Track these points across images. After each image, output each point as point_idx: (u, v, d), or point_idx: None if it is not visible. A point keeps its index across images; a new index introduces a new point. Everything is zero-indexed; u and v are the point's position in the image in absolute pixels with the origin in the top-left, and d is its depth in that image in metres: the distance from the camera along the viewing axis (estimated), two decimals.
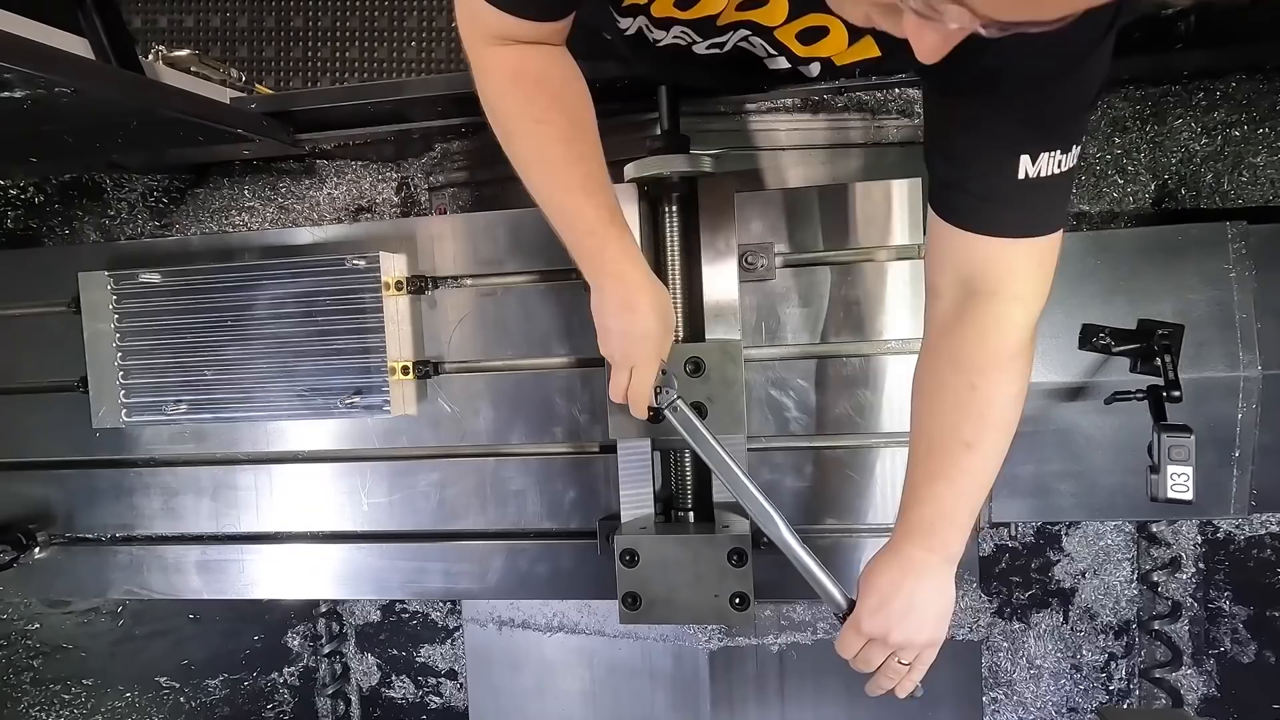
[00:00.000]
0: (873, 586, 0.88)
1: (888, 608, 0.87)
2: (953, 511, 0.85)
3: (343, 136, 1.49)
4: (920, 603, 0.86)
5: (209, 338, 1.22)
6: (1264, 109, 1.37)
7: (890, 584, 0.87)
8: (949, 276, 0.83)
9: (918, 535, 0.86)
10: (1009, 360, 0.82)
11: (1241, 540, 1.52)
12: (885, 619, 0.87)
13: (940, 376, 0.85)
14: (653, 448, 1.11)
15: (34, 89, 1.02)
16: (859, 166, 1.40)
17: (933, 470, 0.85)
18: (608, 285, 0.90)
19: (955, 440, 0.83)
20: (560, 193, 0.87)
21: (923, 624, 0.87)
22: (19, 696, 1.72)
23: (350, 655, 1.88)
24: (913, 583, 0.86)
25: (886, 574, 0.87)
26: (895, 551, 0.88)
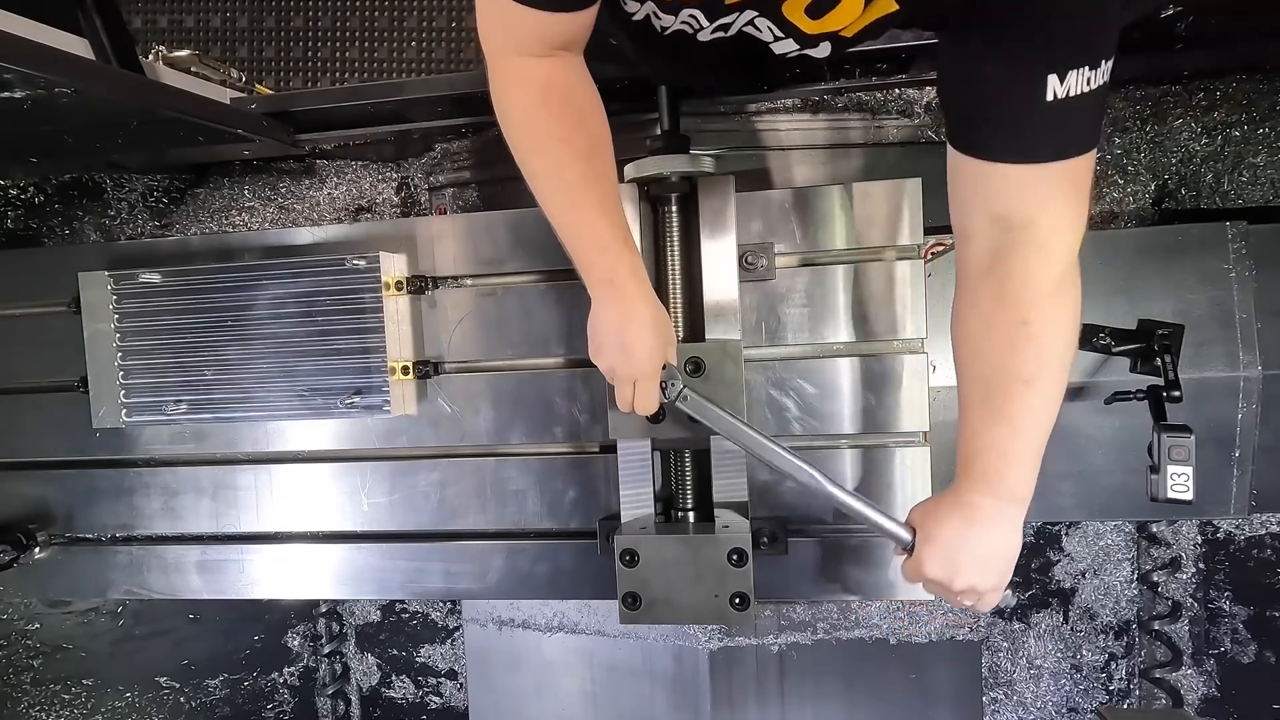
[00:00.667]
0: (936, 536, 0.87)
1: (952, 559, 0.86)
2: (1019, 454, 0.82)
3: (343, 136, 1.49)
4: (985, 552, 0.85)
5: (209, 338, 1.22)
6: (1264, 109, 1.37)
7: (954, 535, 0.86)
8: (980, 216, 0.80)
9: (982, 483, 0.84)
10: (1058, 289, 0.79)
11: (1241, 540, 1.52)
12: (949, 569, 0.86)
13: (987, 318, 0.82)
14: (653, 448, 1.11)
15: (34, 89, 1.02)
16: (859, 166, 1.40)
17: (992, 414, 0.82)
18: (613, 300, 0.92)
19: (1013, 380, 0.80)
20: (576, 210, 0.88)
21: (987, 572, 0.86)
22: (19, 696, 1.72)
23: (350, 655, 1.88)
24: (979, 533, 0.85)
25: (950, 524, 0.86)
26: (958, 500, 0.86)
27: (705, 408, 0.99)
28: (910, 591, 1.14)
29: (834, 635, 1.47)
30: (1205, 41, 1.20)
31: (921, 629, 1.49)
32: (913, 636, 1.49)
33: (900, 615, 1.49)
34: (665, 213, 1.11)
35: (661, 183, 1.08)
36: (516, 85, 0.85)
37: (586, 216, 0.88)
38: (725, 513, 1.10)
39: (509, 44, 0.83)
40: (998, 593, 0.88)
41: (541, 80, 0.84)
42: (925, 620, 1.50)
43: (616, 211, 0.90)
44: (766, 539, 1.12)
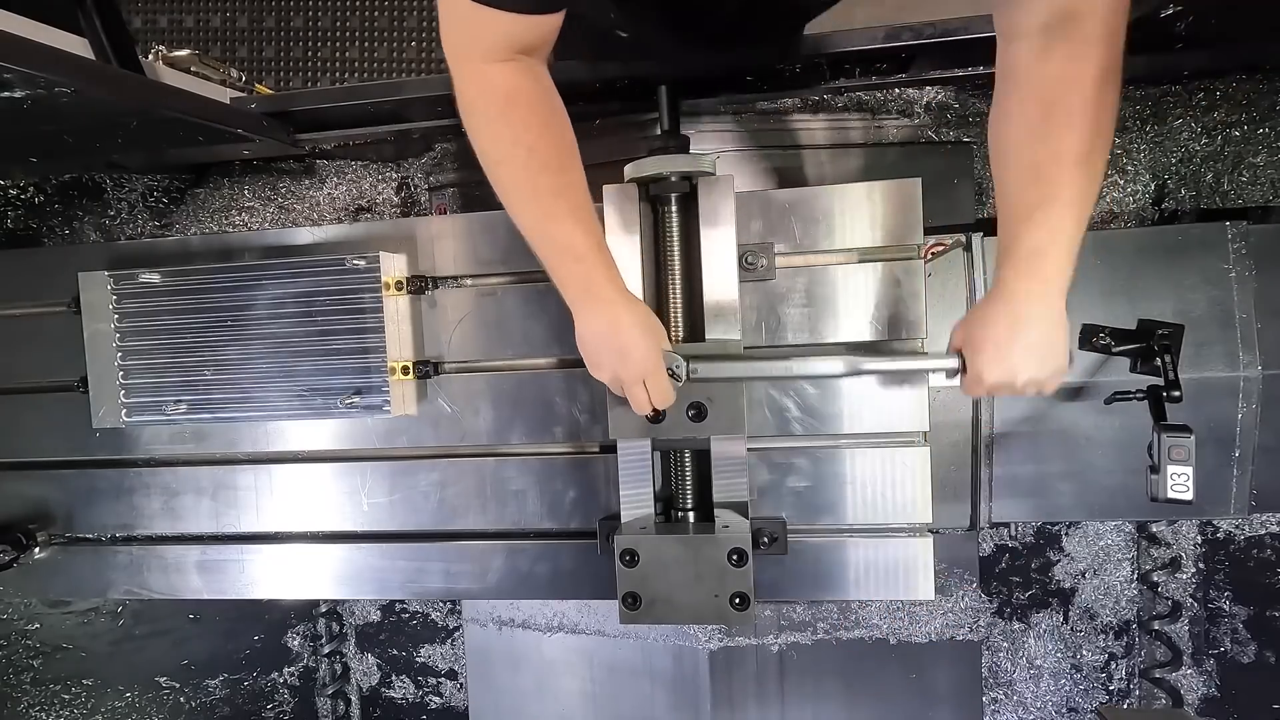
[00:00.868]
0: (986, 339, 0.87)
1: (1008, 357, 0.86)
2: (1070, 233, 0.82)
3: (343, 136, 1.49)
4: (1039, 340, 0.85)
5: (209, 338, 1.22)
6: (1264, 109, 1.37)
7: (1005, 331, 0.86)
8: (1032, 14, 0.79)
9: (1027, 268, 0.83)
10: (1114, 72, 0.79)
11: (1241, 540, 1.52)
12: (1008, 367, 0.87)
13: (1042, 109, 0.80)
14: (653, 448, 1.11)
15: (34, 89, 1.02)
16: (859, 166, 1.40)
17: (1041, 195, 0.81)
18: (595, 310, 0.93)
19: (1067, 159, 0.80)
20: (548, 220, 0.89)
21: (1045, 359, 0.86)
22: (19, 696, 1.72)
23: (350, 655, 1.88)
24: (1028, 323, 0.85)
25: (998, 323, 0.86)
26: (1002, 294, 0.86)
27: (716, 367, 0.99)
28: (910, 592, 1.14)
29: (834, 635, 1.47)
30: (1205, 41, 1.20)
31: (921, 629, 1.49)
32: (913, 636, 1.49)
33: (900, 615, 1.49)
34: (665, 213, 1.11)
35: (661, 183, 1.08)
36: (481, 92, 0.85)
37: (560, 227, 0.89)
38: (725, 513, 1.10)
39: (473, 49, 0.82)
40: (1060, 375, 0.89)
41: (506, 87, 0.84)
42: (925, 620, 1.50)
43: (591, 220, 0.91)
44: (766, 539, 1.12)
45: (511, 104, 0.84)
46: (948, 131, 1.40)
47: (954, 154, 1.38)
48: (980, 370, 0.89)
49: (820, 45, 1.23)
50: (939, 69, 1.31)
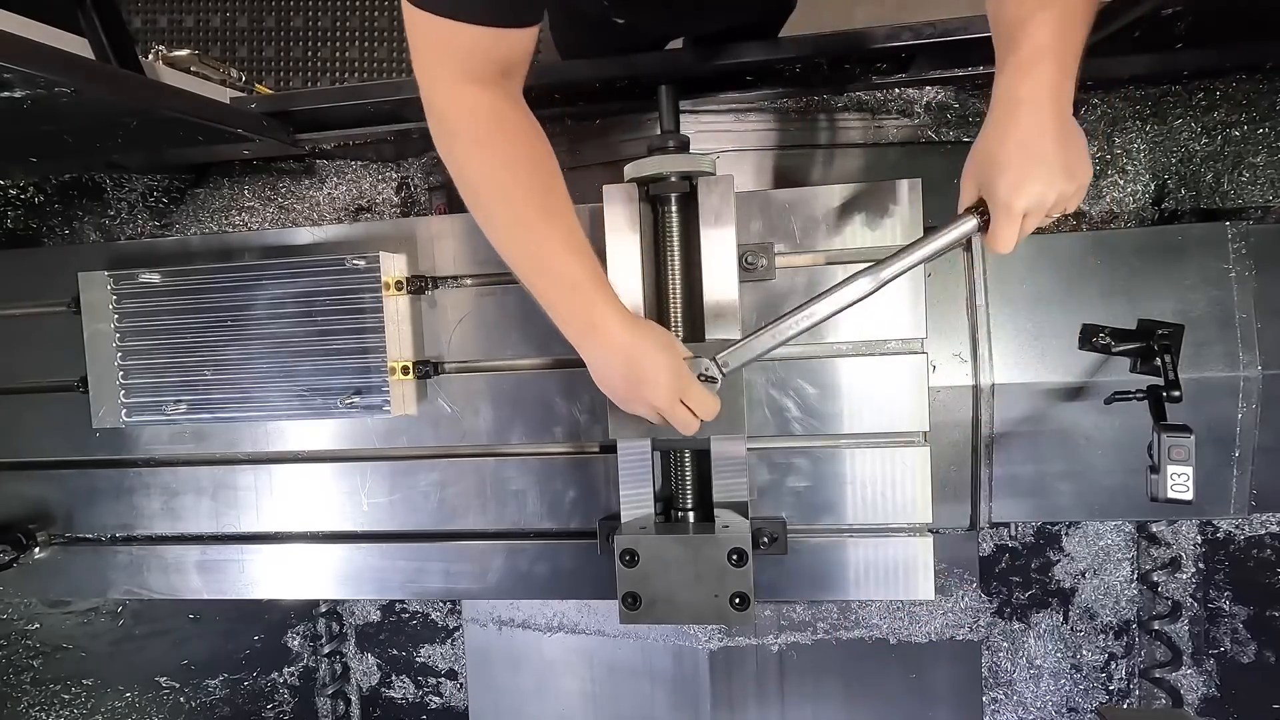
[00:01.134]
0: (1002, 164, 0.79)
1: (1032, 178, 0.77)
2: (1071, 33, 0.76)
3: (343, 136, 1.49)
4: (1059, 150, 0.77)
5: (209, 338, 1.22)
6: (1264, 109, 1.37)
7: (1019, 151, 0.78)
8: None
9: (1035, 70, 0.76)
10: None
11: (1241, 540, 1.52)
12: (1035, 190, 0.78)
13: None
14: (653, 448, 1.11)
15: (34, 89, 1.02)
16: (859, 166, 1.40)
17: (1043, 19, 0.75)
18: (603, 347, 0.89)
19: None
20: (539, 248, 0.85)
21: (1071, 168, 0.78)
22: (19, 696, 1.72)
23: (350, 655, 1.88)
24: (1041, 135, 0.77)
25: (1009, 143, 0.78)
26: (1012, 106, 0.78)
27: (746, 349, 0.95)
28: (910, 592, 1.14)
29: (834, 635, 1.47)
30: (1205, 41, 1.20)
31: (921, 629, 1.49)
32: (913, 636, 1.49)
33: (900, 615, 1.49)
34: (665, 213, 1.11)
35: (661, 183, 1.08)
36: (462, 117, 0.81)
37: (556, 258, 0.85)
38: (725, 513, 1.10)
39: (450, 68, 0.79)
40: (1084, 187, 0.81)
41: (487, 109, 0.80)
42: (925, 620, 1.50)
43: (584, 247, 0.87)
44: (766, 539, 1.12)
45: (498, 127, 0.81)
46: (948, 131, 1.40)
47: (954, 154, 1.38)
48: (1008, 200, 0.79)
49: (820, 45, 1.23)
50: (939, 69, 1.31)
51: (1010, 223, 0.81)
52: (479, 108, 0.80)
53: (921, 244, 0.88)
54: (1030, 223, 0.82)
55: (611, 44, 1.22)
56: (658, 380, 0.90)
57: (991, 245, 0.83)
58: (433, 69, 0.80)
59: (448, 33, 0.75)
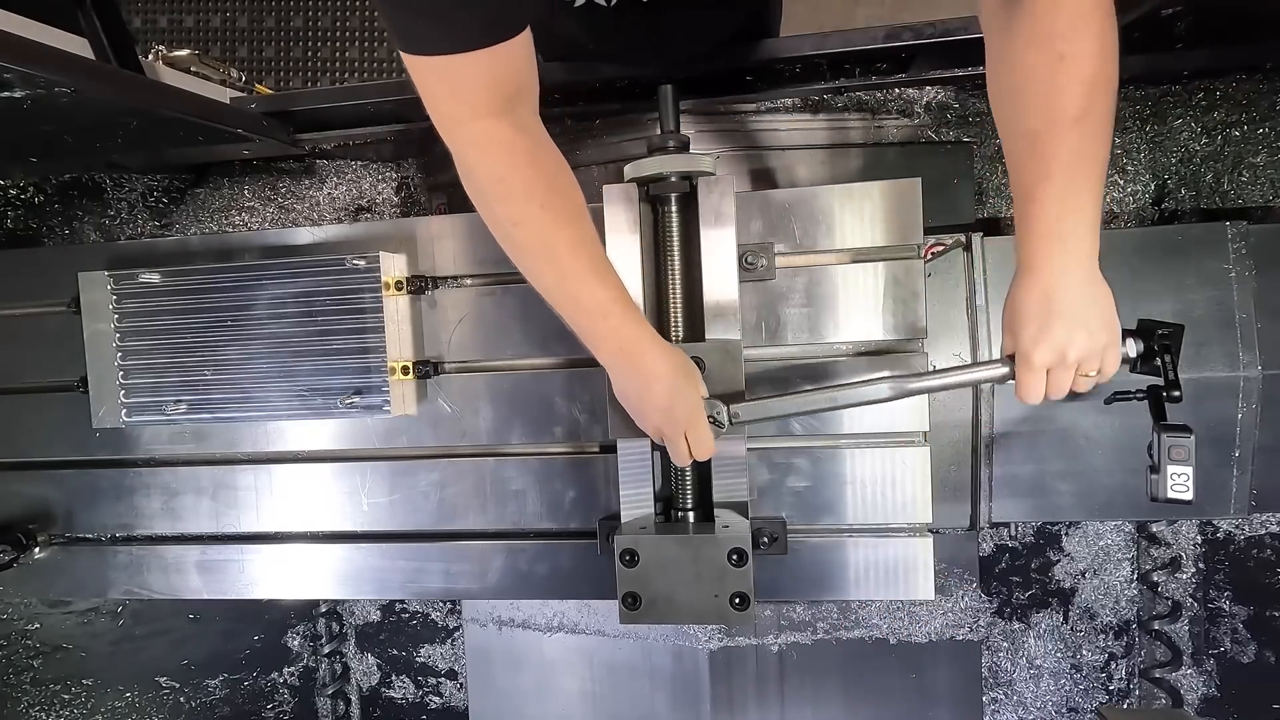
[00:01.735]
0: (1025, 318, 0.82)
1: (1051, 331, 0.81)
2: (1080, 201, 0.77)
3: (343, 136, 1.49)
4: (1080, 307, 0.80)
5: (209, 338, 1.22)
6: (1264, 109, 1.37)
7: (1040, 305, 0.81)
8: None
9: (1047, 241, 0.79)
10: (1091, 13, 0.73)
11: (1241, 540, 1.52)
12: (1054, 343, 0.81)
13: (1021, 65, 0.76)
14: (653, 448, 1.11)
15: (34, 89, 1.02)
16: (859, 166, 1.40)
17: (1046, 166, 0.77)
18: (630, 368, 0.92)
19: (1060, 121, 0.75)
20: (570, 280, 0.87)
21: (1093, 329, 0.81)
22: (19, 696, 1.72)
23: (350, 655, 1.88)
24: (1063, 292, 0.80)
25: (1031, 297, 0.81)
26: (1029, 271, 0.81)
27: (760, 408, 0.99)
28: (910, 592, 1.14)
29: (834, 635, 1.47)
30: (1205, 41, 1.20)
31: (921, 629, 1.49)
32: (913, 636, 1.49)
33: (900, 615, 1.49)
34: (665, 213, 1.11)
35: (661, 182, 1.08)
36: (481, 152, 0.82)
37: (583, 285, 0.87)
38: (725, 513, 1.10)
39: (462, 109, 0.79)
40: (1115, 346, 0.85)
41: (505, 142, 0.81)
42: (925, 620, 1.50)
43: (611, 273, 0.89)
44: (766, 539, 1.12)
45: (514, 158, 0.82)
46: (948, 131, 1.40)
47: (954, 154, 1.38)
48: (1028, 353, 0.83)
49: (820, 45, 1.23)
50: (939, 69, 1.31)
51: (1030, 374, 0.84)
52: (494, 143, 0.81)
53: (950, 373, 0.93)
54: (1057, 378, 0.84)
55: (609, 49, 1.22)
56: (675, 411, 0.93)
57: (1017, 395, 0.87)
58: (445, 112, 0.81)
59: (448, 70, 0.75)
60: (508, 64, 0.78)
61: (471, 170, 0.84)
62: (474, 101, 0.79)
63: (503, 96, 0.80)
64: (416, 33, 0.74)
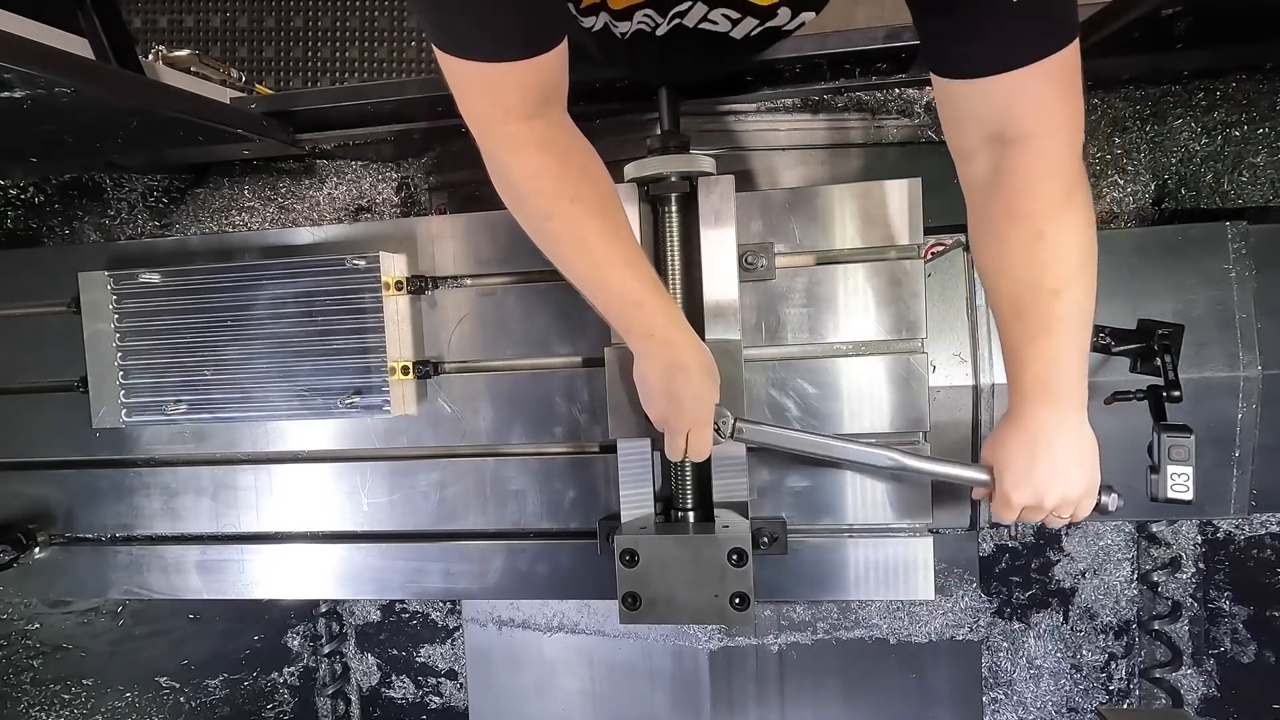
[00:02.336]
0: (1009, 462, 0.88)
1: (1031, 478, 0.86)
2: (1064, 361, 0.82)
3: (343, 136, 1.49)
4: (1062, 461, 0.85)
5: (209, 338, 1.22)
6: (1264, 109, 1.37)
7: (1024, 454, 0.86)
8: (976, 135, 0.79)
9: (1035, 396, 0.84)
10: (1068, 196, 0.77)
11: (1241, 540, 1.52)
12: (1033, 489, 0.87)
13: (1001, 236, 0.81)
14: (652, 447, 1.11)
15: (34, 89, 1.02)
16: (859, 166, 1.40)
17: (1029, 329, 0.82)
18: (655, 353, 0.92)
19: (1041, 292, 0.79)
20: (603, 269, 0.87)
21: (1072, 480, 0.86)
22: (19, 696, 1.72)
23: (350, 655, 1.88)
24: (1047, 445, 0.85)
25: (1017, 445, 0.87)
26: (1018, 420, 0.86)
27: (762, 432, 1.01)
28: (910, 592, 1.14)
29: (834, 635, 1.48)
30: (1205, 41, 1.20)
31: (921, 629, 1.49)
32: (913, 636, 1.49)
33: (900, 615, 1.50)
34: (665, 213, 1.11)
35: (661, 183, 1.08)
36: (514, 152, 0.82)
37: (614, 274, 0.87)
38: (725, 513, 1.10)
39: (496, 112, 0.79)
40: (1092, 495, 0.89)
41: (537, 141, 0.81)
42: (925, 620, 1.50)
43: (643, 263, 0.89)
44: (766, 539, 1.12)
45: (547, 153, 0.82)
46: None
47: None
48: (1007, 492, 0.89)
49: (820, 45, 1.23)
50: None
51: (1007, 510, 0.91)
52: (527, 142, 0.81)
53: (946, 463, 0.98)
54: (1030, 516, 0.91)
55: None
56: (685, 405, 0.93)
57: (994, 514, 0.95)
58: (478, 112, 0.80)
59: (486, 76, 0.75)
60: (547, 72, 0.78)
61: (504, 167, 0.83)
62: (509, 106, 0.78)
63: (538, 101, 0.80)
64: (459, 35, 0.73)
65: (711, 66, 1.19)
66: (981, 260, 0.86)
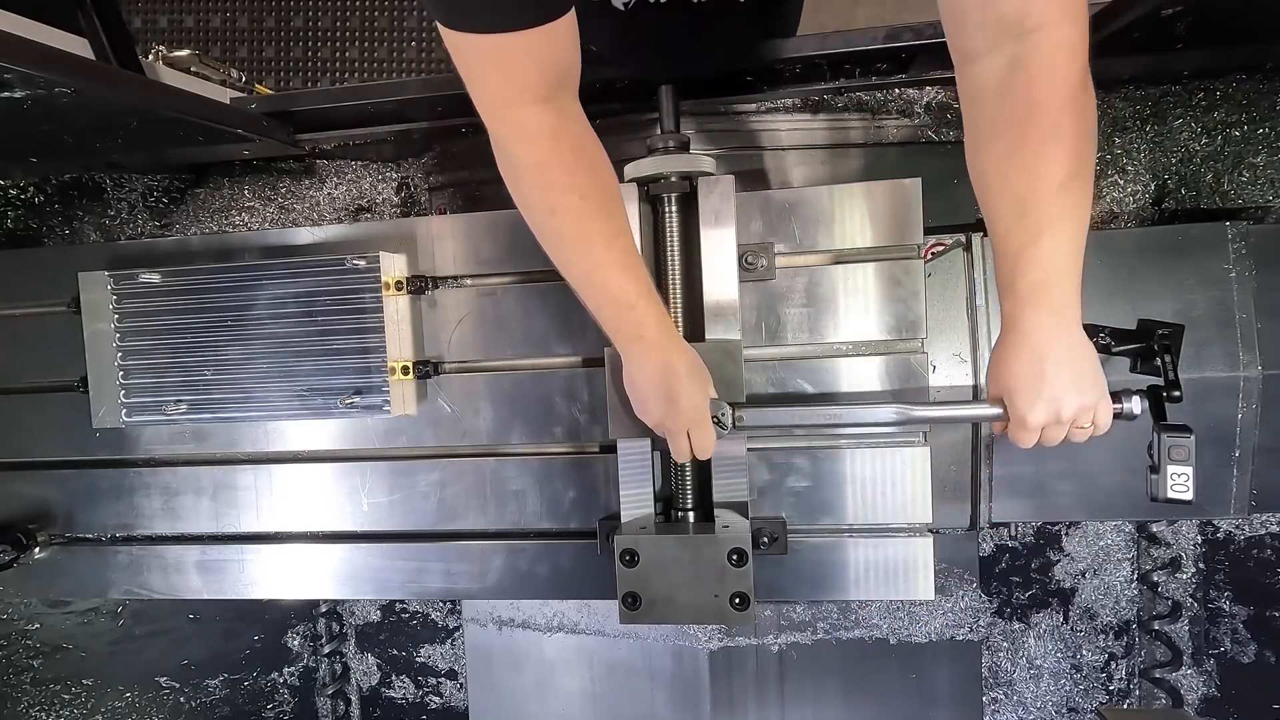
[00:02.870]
0: (1018, 383, 0.86)
1: (1044, 392, 0.84)
2: (1066, 262, 0.81)
3: (343, 136, 1.49)
4: (1071, 369, 0.84)
5: (209, 338, 1.22)
6: (1264, 109, 1.37)
7: (1032, 369, 0.84)
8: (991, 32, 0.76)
9: (1035, 301, 0.82)
10: (1084, 83, 0.76)
11: (1241, 540, 1.52)
12: (1049, 404, 0.85)
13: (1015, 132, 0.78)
14: (653, 448, 1.11)
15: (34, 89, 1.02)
16: (859, 166, 1.40)
17: (1032, 230, 0.80)
18: (647, 355, 0.92)
19: (1049, 187, 0.78)
20: (600, 269, 0.87)
21: (1084, 387, 0.85)
22: (19, 696, 1.72)
23: (350, 655, 1.88)
24: (1053, 357, 0.83)
25: (1023, 361, 0.85)
26: (1018, 336, 0.84)
27: (764, 414, 1.00)
28: (910, 592, 1.14)
29: (834, 635, 1.48)
30: (1205, 41, 1.20)
31: (921, 629, 1.49)
32: (913, 636, 1.49)
33: (900, 615, 1.50)
34: (665, 213, 1.11)
35: (661, 182, 1.08)
36: (524, 139, 0.81)
37: (611, 275, 0.87)
38: (725, 513, 1.10)
39: (508, 91, 0.78)
40: (1106, 401, 0.87)
41: (550, 128, 0.80)
42: (925, 620, 1.50)
43: (639, 266, 0.90)
44: (766, 539, 1.12)
45: (559, 144, 0.81)
46: (948, 131, 1.40)
47: (954, 154, 1.38)
48: (1023, 414, 0.87)
49: (820, 45, 1.23)
50: (939, 69, 1.31)
51: (1026, 434, 0.89)
52: (540, 130, 0.80)
53: (952, 406, 0.96)
54: (1052, 434, 0.89)
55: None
56: (680, 404, 0.93)
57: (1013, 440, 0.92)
58: (491, 95, 0.79)
59: (495, 50, 0.73)
60: (558, 45, 0.77)
61: (513, 156, 0.82)
62: (523, 85, 0.77)
63: (552, 79, 0.79)
64: (468, 7, 0.71)
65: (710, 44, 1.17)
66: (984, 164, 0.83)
